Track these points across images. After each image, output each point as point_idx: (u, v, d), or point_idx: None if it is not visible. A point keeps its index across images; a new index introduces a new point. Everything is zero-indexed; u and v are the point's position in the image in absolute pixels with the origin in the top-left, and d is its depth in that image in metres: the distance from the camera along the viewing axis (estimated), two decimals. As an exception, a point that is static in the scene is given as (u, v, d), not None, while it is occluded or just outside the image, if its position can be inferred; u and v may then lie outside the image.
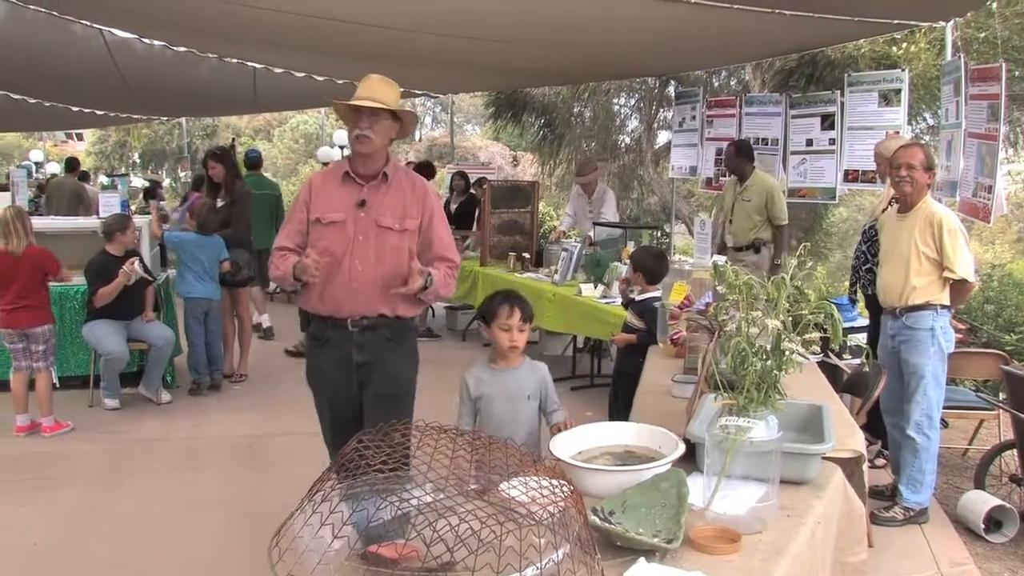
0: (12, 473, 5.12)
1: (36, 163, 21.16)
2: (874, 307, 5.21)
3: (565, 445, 2.42)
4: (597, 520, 1.89)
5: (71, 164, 13.13)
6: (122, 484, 4.96)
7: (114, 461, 5.36)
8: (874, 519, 4.18)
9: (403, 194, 3.44)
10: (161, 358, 6.44)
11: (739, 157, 6.87)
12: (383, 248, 3.36)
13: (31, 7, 6.66)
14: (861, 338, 5.28)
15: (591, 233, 7.86)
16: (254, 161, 9.67)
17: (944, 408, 4.63)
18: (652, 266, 4.79)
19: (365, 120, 3.30)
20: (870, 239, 5.29)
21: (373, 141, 3.33)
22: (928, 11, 5.95)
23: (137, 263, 6.11)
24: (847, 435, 2.84)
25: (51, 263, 5.80)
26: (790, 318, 2.27)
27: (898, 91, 6.63)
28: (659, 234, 13.00)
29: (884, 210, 5.15)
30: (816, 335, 2.32)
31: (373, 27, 6.10)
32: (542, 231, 8.84)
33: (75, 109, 12.42)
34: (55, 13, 6.86)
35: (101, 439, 5.73)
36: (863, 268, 5.36)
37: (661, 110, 13.29)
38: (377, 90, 3.34)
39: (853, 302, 5.65)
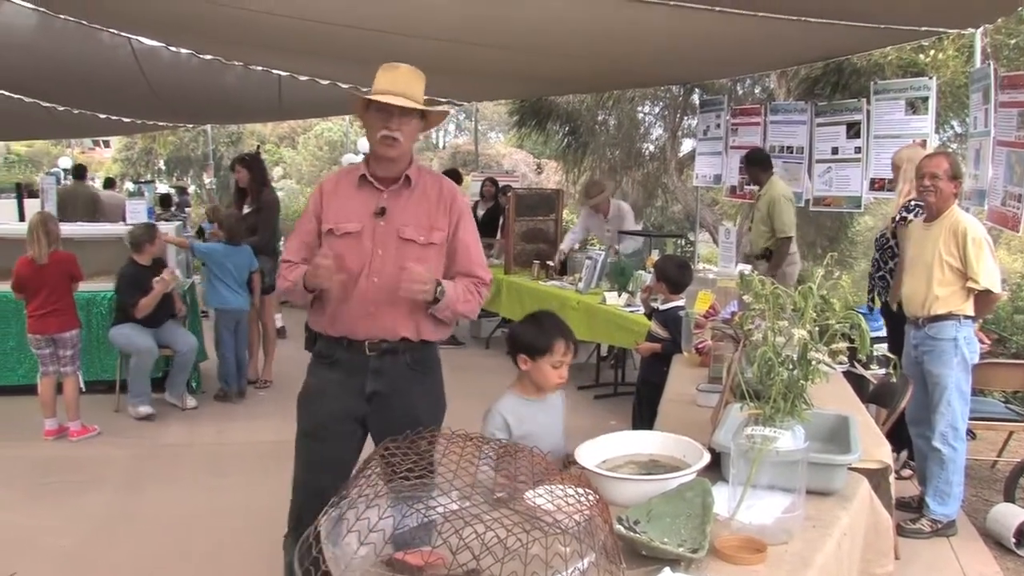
0: (40, 476, 5.18)
1: (64, 170, 21.33)
2: (888, 315, 5.19)
3: (590, 454, 2.41)
4: (622, 529, 1.88)
5: (79, 171, 13.04)
6: (148, 489, 5.00)
7: (140, 466, 5.41)
8: (901, 531, 4.13)
9: (428, 201, 2.98)
10: (186, 364, 6.49)
11: (750, 167, 6.94)
12: (403, 263, 2.86)
13: (61, 17, 6.75)
14: (882, 347, 5.24)
15: (617, 245, 7.81)
16: None
17: (972, 419, 4.58)
18: (675, 276, 4.80)
19: (395, 120, 2.83)
20: (882, 247, 5.29)
21: (401, 144, 2.88)
22: (957, 18, 5.88)
23: (177, 271, 6.19)
24: (873, 446, 2.82)
25: (77, 268, 5.87)
26: (816, 328, 2.26)
27: (925, 99, 6.58)
28: (683, 242, 12.95)
29: (894, 219, 5.14)
30: (843, 345, 2.30)
31: (396, 35, 6.13)
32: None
33: (102, 116, 12.51)
34: (84, 22, 6.95)
35: (127, 444, 5.79)
36: (876, 276, 5.35)
37: (685, 118, 13.25)
38: (406, 84, 2.86)
39: (871, 310, 5.62)
